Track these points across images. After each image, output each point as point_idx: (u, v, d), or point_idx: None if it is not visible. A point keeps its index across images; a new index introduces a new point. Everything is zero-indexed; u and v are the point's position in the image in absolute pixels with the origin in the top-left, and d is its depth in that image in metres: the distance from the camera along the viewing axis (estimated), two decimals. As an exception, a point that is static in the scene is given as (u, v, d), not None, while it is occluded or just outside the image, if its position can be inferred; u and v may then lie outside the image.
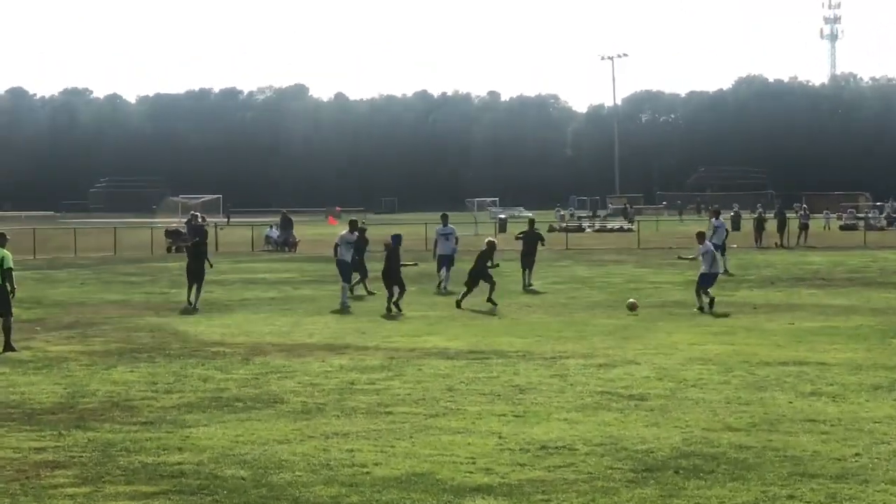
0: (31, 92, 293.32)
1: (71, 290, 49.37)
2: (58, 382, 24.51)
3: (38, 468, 16.64)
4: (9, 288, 28.99)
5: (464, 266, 43.61)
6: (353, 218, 51.19)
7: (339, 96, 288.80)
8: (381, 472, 16.29)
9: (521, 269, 48.43)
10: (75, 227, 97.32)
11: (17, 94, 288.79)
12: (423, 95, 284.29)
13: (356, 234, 43.66)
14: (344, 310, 39.42)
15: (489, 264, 39.55)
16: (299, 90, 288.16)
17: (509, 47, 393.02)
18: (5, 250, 29.02)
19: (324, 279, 52.51)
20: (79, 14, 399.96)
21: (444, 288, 45.08)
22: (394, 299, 38.02)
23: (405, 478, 15.91)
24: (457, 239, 47.90)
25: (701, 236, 39.38)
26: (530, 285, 47.25)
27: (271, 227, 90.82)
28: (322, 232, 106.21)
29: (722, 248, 52.09)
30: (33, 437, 18.94)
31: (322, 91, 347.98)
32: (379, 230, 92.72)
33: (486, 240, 42.70)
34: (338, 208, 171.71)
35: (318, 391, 23.11)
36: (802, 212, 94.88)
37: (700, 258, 38.45)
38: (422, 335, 32.23)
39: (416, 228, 77.71)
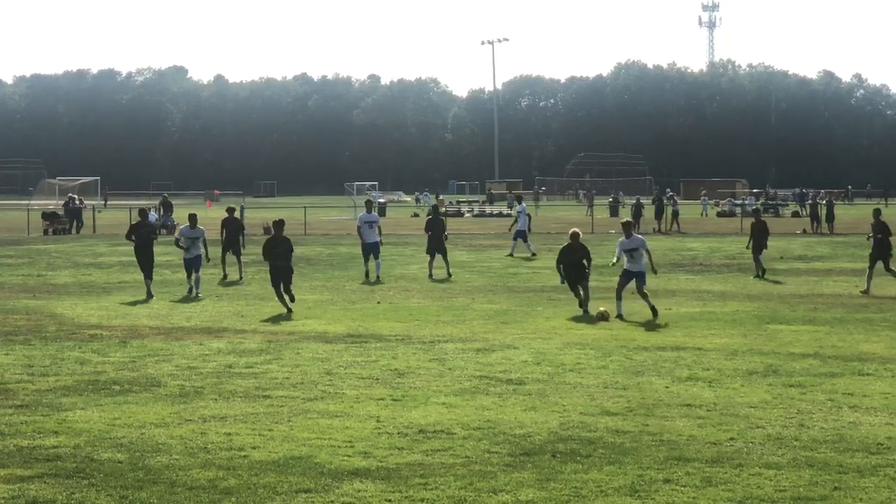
0: None
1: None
2: (-69, 365, 24.28)
3: None
4: None
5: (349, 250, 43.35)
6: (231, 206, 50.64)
7: (219, 79, 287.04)
8: (259, 455, 16.27)
9: (427, 256, 47.47)
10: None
11: None
12: (303, 79, 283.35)
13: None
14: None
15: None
16: (178, 72, 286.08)
17: (390, 31, 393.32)
18: None
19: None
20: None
21: (378, 278, 44.01)
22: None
23: (283, 461, 15.90)
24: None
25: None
26: (450, 276, 46.28)
27: (150, 209, 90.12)
28: (202, 216, 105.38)
29: (524, 234, 52.68)
30: None
31: (202, 73, 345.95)
32: (257, 213, 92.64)
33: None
34: (216, 192, 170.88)
35: (195, 374, 23.02)
36: (667, 198, 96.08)
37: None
38: (300, 319, 32.17)
39: (296, 212, 77.40)
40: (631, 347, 26.57)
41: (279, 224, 35.35)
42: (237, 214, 47.56)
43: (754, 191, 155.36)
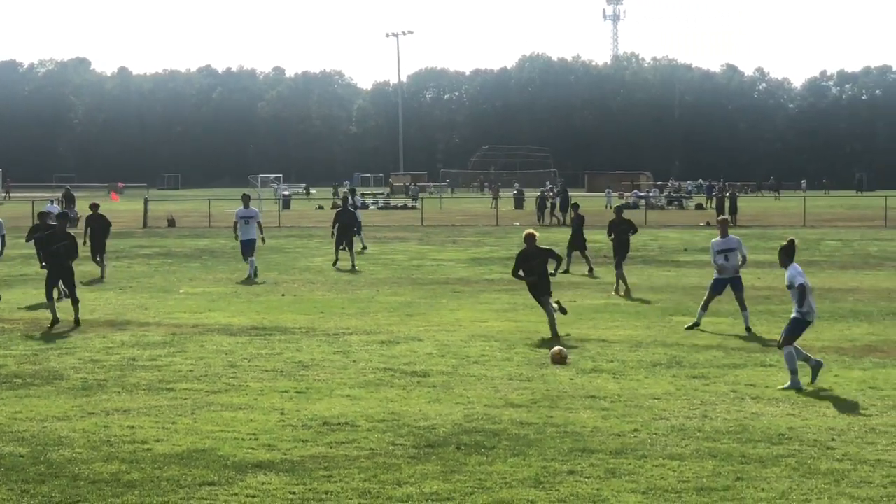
0: None
1: None
2: None
3: None
4: None
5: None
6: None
7: (123, 70, 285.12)
8: (163, 448, 16.18)
9: (334, 246, 47.52)
10: None
11: None
12: (207, 71, 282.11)
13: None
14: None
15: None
16: (81, 64, 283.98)
17: (294, 23, 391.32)
18: None
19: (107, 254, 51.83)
20: None
21: (254, 276, 41.75)
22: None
23: (187, 454, 15.82)
24: (259, 222, 44.36)
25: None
26: (354, 268, 46.31)
27: (52, 202, 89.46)
28: (105, 208, 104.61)
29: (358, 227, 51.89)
30: None
31: (105, 65, 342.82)
32: (161, 206, 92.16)
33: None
34: (120, 184, 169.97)
35: (98, 367, 22.86)
36: (546, 191, 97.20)
37: None
38: (204, 311, 32.06)
39: (200, 205, 77.04)
40: (535, 340, 26.66)
41: (62, 216, 32.32)
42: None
43: (658, 183, 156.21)
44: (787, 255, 21.91)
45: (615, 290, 36.66)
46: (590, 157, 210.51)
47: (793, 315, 21.72)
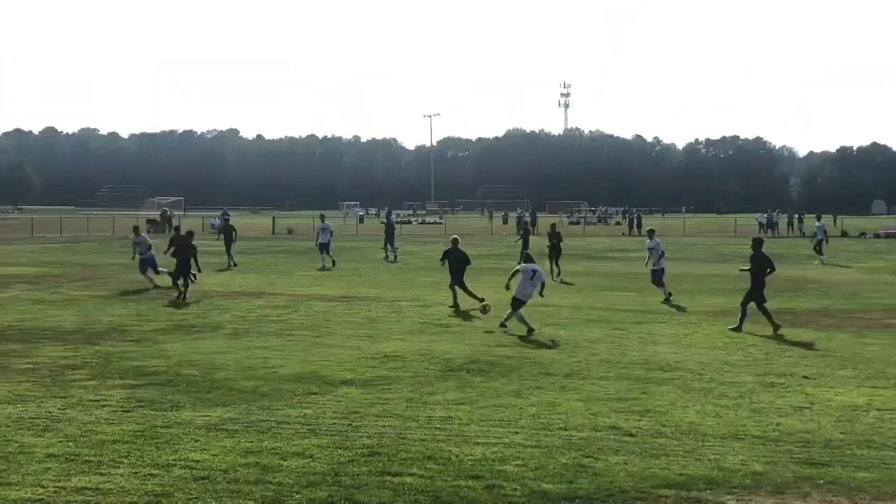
0: (60, 129, 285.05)
1: (86, 256, 48.21)
2: (76, 314, 23.98)
3: (63, 369, 16.26)
4: None
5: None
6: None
7: (259, 137, 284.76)
8: (284, 371, 16.17)
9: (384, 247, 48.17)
10: (87, 216, 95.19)
11: (50, 131, 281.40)
12: (312, 137, 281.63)
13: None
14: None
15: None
16: (233, 132, 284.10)
17: (364, 106, 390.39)
18: None
19: (249, 251, 51.95)
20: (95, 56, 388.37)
21: (328, 266, 41.22)
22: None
23: (299, 375, 15.80)
24: (331, 231, 44.78)
25: (651, 233, 30.99)
26: (394, 259, 46.59)
27: (214, 218, 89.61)
28: (247, 223, 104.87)
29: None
30: (60, 349, 18.51)
31: (248, 132, 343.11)
32: (284, 221, 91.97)
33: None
34: (258, 207, 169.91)
35: (244, 321, 22.87)
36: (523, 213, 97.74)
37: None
38: (310, 286, 32.05)
39: (308, 220, 76.85)
40: (516, 305, 26.62)
41: (189, 234, 30.99)
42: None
43: (591, 208, 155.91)
44: None
45: (557, 278, 35.87)
46: (549, 192, 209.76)
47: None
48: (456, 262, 26.80)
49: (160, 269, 32.03)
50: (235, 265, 40.98)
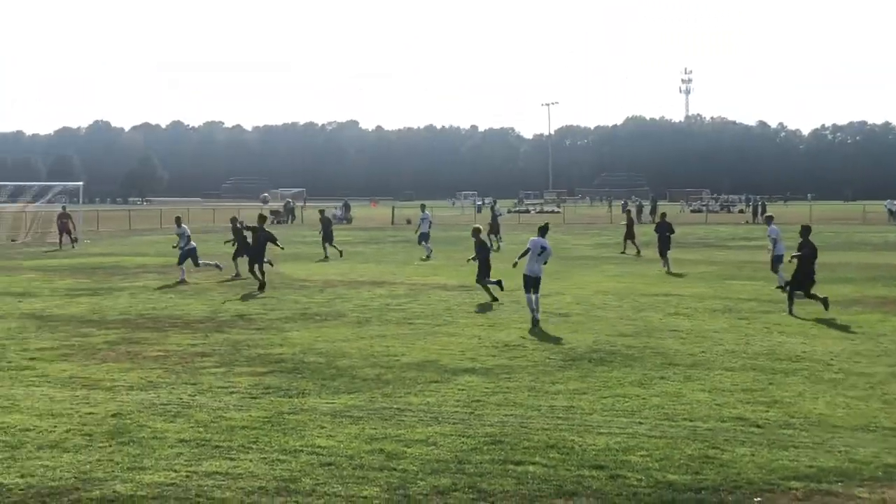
0: (186, 123, 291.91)
1: (211, 247, 49.21)
2: (204, 303, 24.54)
3: (192, 356, 16.67)
4: None
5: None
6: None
7: (379, 128, 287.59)
8: (406, 359, 16.31)
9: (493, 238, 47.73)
10: (213, 208, 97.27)
11: (177, 125, 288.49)
12: (431, 128, 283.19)
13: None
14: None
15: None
16: (352, 123, 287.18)
17: (484, 93, 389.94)
18: None
19: (370, 241, 52.44)
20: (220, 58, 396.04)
21: (428, 255, 41.22)
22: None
23: (421, 363, 15.92)
24: (430, 222, 44.78)
25: (769, 220, 29.99)
26: (497, 248, 46.55)
27: (336, 208, 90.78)
28: (367, 213, 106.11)
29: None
30: (189, 336, 18.97)
31: (367, 123, 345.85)
32: (402, 211, 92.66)
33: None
34: (374, 201, 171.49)
35: (367, 309, 23.10)
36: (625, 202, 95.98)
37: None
38: (430, 275, 32.23)
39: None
40: (637, 294, 26.35)
41: (261, 221, 30.32)
42: (327, 214, 44.74)
43: (714, 196, 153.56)
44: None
45: (664, 268, 34.94)
46: (670, 179, 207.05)
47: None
48: (484, 253, 26.43)
49: (204, 261, 31.80)
50: (342, 254, 41.12)
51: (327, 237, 42.40)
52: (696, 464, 10.20)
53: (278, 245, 29.96)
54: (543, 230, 22.15)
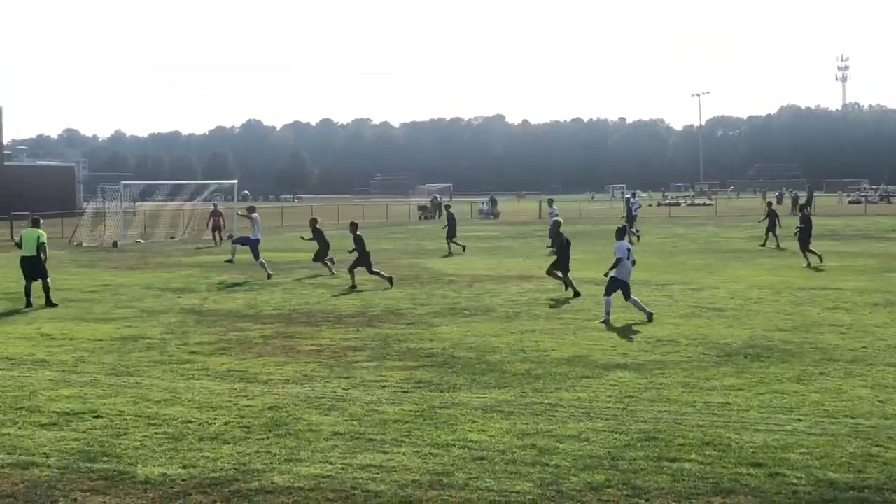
0: (335, 120, 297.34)
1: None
2: (355, 298, 24.92)
3: (345, 351, 16.94)
4: (43, 257, 24.10)
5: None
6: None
7: (525, 122, 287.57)
8: (556, 354, 16.26)
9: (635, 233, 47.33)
10: (362, 205, 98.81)
11: (326, 122, 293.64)
12: (578, 120, 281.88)
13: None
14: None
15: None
16: (498, 118, 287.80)
17: (630, 87, 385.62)
18: (40, 230, 24.43)
19: (517, 235, 52.44)
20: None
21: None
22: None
23: (571, 358, 15.85)
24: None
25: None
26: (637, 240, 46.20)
27: (483, 203, 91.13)
28: (514, 207, 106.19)
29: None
30: (341, 331, 19.29)
31: (514, 117, 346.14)
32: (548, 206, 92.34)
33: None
34: (521, 193, 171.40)
35: (515, 304, 23.11)
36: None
37: None
38: (580, 270, 31.98)
39: (573, 205, 76.76)
40: (794, 287, 25.74)
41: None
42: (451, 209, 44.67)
43: (873, 186, 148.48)
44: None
45: (817, 261, 33.62)
46: (826, 169, 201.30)
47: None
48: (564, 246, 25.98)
49: (262, 260, 31.56)
50: (464, 251, 41.07)
51: (451, 233, 42.42)
52: (858, 462, 9.90)
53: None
54: (622, 232, 21.41)
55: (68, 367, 15.67)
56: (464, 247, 41.87)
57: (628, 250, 20.71)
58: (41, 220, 25.36)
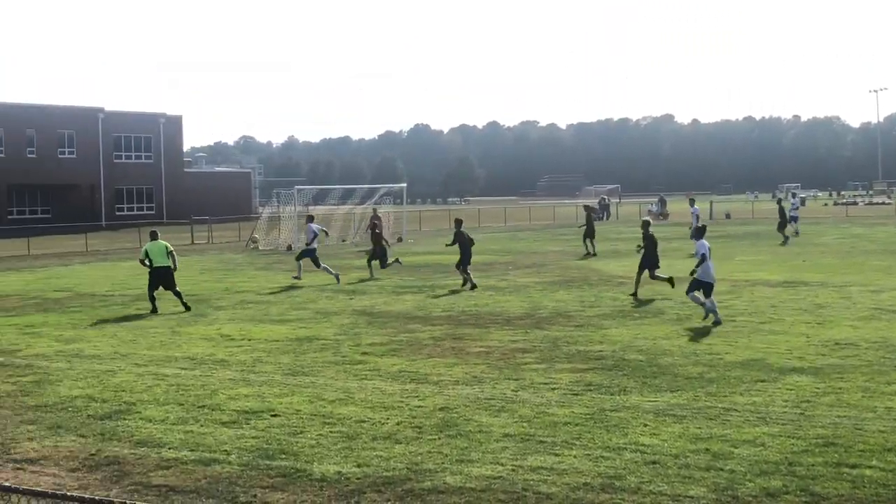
0: (501, 123, 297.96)
1: (528, 244, 50.13)
2: (523, 300, 24.98)
3: (514, 353, 17.01)
4: (173, 266, 24.64)
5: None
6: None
7: (694, 121, 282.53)
8: (730, 357, 15.96)
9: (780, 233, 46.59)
10: (529, 206, 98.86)
11: (493, 125, 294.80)
12: (749, 119, 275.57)
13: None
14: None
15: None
16: (667, 118, 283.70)
17: (805, 80, 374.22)
18: (164, 242, 24.89)
19: (687, 236, 51.65)
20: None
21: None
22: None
23: (745, 362, 15.54)
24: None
25: None
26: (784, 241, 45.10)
27: (652, 204, 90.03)
28: (683, 207, 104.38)
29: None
30: (510, 333, 19.37)
31: (683, 118, 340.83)
32: (721, 206, 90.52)
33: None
34: (692, 193, 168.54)
35: (686, 307, 22.68)
36: None
37: None
38: (752, 272, 31.36)
39: (745, 205, 75.18)
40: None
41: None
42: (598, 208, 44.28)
43: None
44: None
45: None
46: None
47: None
48: (652, 247, 25.83)
49: (325, 265, 31.76)
50: (595, 254, 40.36)
51: (589, 233, 41.86)
52: None
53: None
54: (701, 232, 22.13)
55: (247, 367, 16.21)
56: (595, 253, 40.88)
57: (709, 249, 20.97)
58: (159, 233, 25.77)
